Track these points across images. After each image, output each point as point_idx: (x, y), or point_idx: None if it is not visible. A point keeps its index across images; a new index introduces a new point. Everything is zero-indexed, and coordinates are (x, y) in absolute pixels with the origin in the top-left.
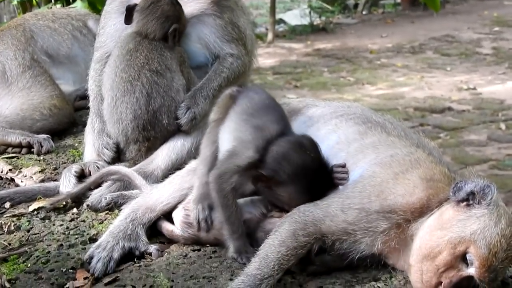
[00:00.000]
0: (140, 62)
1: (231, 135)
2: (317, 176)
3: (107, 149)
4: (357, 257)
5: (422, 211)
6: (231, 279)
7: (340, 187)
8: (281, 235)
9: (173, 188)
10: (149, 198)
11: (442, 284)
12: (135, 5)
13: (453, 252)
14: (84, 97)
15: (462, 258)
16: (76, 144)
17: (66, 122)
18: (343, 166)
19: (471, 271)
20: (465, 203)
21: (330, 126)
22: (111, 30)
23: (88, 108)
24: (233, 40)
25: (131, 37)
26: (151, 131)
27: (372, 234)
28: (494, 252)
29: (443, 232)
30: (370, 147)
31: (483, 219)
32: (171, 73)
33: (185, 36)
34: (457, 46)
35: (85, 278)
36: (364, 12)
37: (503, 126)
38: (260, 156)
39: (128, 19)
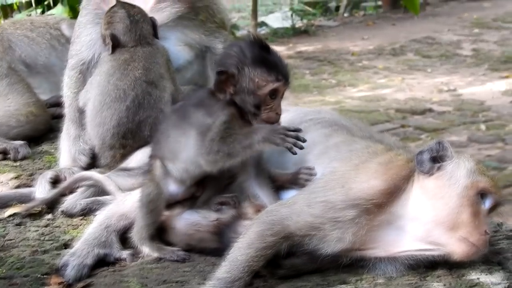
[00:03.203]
0: (137, 72)
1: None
2: (266, 49)
3: (83, 154)
4: (329, 254)
5: (392, 191)
6: (203, 283)
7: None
8: (249, 237)
9: None
10: (123, 205)
11: (486, 231)
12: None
13: (470, 201)
14: (55, 104)
15: (479, 201)
16: (53, 150)
17: (42, 129)
18: (312, 169)
19: (491, 201)
20: (435, 168)
21: None
22: (86, 39)
23: (62, 115)
24: (216, 30)
25: (124, 49)
26: (129, 140)
27: (341, 225)
28: (487, 174)
29: (446, 198)
30: (333, 147)
31: (462, 165)
32: (163, 81)
33: (163, 40)
34: (437, 48)
35: (58, 284)
36: (345, 15)
37: (483, 127)
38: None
39: (114, 48)
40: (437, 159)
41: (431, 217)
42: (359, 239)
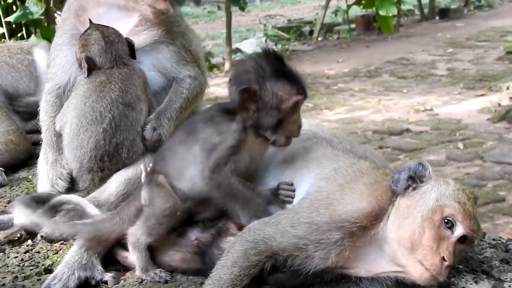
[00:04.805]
0: (114, 94)
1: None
2: (281, 61)
3: (61, 179)
4: (311, 272)
5: (377, 213)
6: None
7: (288, 205)
8: (232, 256)
9: None
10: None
11: (445, 258)
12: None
13: (432, 225)
14: (33, 131)
15: (444, 226)
16: (30, 177)
17: (22, 159)
18: (290, 184)
19: (459, 230)
20: (410, 188)
21: None
22: (62, 61)
23: (40, 141)
24: (188, 63)
25: (100, 71)
26: (107, 163)
27: (325, 246)
28: (463, 203)
29: (411, 218)
30: (314, 161)
31: (436, 187)
32: (140, 103)
33: (138, 64)
34: (412, 68)
35: None
36: (319, 39)
37: (461, 145)
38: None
39: (89, 71)
40: (415, 180)
41: (396, 237)
42: (342, 258)
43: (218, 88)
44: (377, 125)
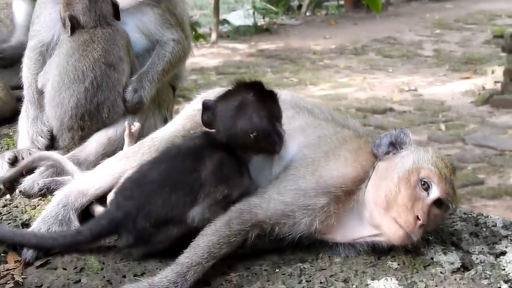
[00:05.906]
0: (97, 54)
1: None
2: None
3: (41, 136)
4: (297, 238)
5: (362, 178)
6: (160, 262)
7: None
8: (215, 225)
9: (105, 173)
10: (81, 183)
11: (419, 216)
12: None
13: (408, 185)
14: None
15: (420, 187)
16: (11, 133)
17: (6, 117)
18: None
19: (434, 192)
20: (390, 154)
21: None
22: (46, 19)
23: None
24: (172, 27)
25: (84, 31)
26: (87, 122)
27: (312, 212)
28: (440, 168)
29: (388, 179)
30: (298, 130)
31: (415, 152)
32: (122, 64)
33: (123, 25)
34: (399, 48)
35: (16, 261)
36: (307, 14)
37: (443, 127)
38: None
39: (73, 30)
40: (396, 146)
41: (373, 198)
42: (326, 225)
43: (204, 58)
44: (361, 103)
